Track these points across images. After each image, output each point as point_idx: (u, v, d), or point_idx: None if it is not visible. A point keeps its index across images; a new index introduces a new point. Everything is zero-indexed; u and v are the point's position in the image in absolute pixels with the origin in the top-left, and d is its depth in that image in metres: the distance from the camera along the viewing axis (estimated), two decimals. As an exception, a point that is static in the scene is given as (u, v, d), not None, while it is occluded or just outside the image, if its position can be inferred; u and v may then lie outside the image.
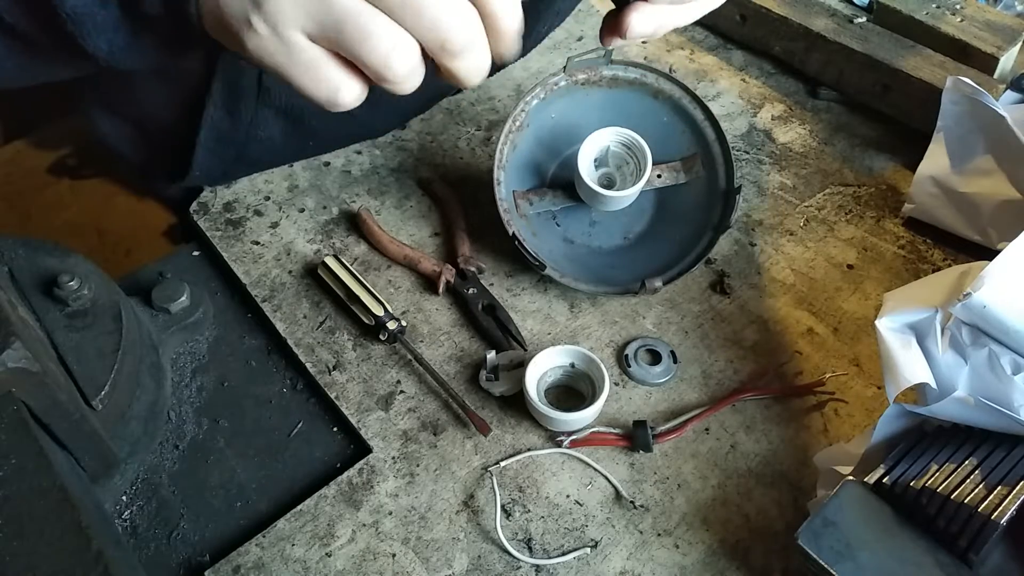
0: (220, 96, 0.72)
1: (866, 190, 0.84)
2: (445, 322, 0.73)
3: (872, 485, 0.54)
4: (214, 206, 0.81)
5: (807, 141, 0.89)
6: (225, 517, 0.62)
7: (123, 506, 0.62)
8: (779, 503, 0.62)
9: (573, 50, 0.99)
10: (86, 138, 0.94)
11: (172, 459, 0.65)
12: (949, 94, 0.73)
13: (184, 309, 0.70)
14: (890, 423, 0.55)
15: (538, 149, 0.78)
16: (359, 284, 0.72)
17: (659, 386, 0.68)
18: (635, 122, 0.73)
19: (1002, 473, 0.51)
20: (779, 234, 0.80)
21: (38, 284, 0.60)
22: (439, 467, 0.64)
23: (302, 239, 0.79)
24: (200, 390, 0.69)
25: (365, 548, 0.60)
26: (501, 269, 0.76)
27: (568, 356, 0.67)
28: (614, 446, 0.65)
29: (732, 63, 0.98)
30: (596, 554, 0.59)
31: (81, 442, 0.55)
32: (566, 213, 0.77)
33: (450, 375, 0.69)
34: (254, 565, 0.58)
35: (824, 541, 0.52)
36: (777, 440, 0.65)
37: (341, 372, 0.69)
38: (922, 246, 0.79)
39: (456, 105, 0.91)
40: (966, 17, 0.88)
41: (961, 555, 0.50)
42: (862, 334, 0.72)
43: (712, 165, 0.76)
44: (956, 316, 0.55)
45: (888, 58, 0.86)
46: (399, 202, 0.82)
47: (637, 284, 0.71)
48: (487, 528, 0.60)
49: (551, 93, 0.76)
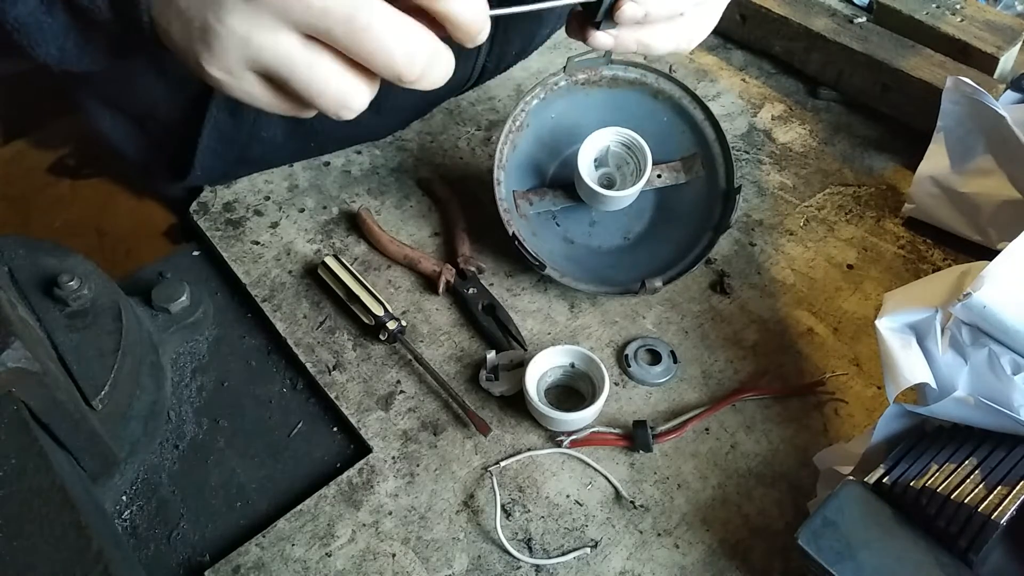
0: (223, 97, 0.72)
1: (866, 190, 0.84)
2: (445, 322, 0.73)
3: (872, 485, 0.54)
4: (214, 206, 0.81)
5: (807, 141, 0.89)
6: (225, 517, 0.62)
7: (123, 506, 0.62)
8: (779, 503, 0.62)
9: (573, 50, 0.99)
10: (86, 138, 0.94)
11: (172, 459, 0.65)
12: (949, 94, 0.73)
13: (184, 309, 0.70)
14: (890, 423, 0.55)
15: (538, 149, 0.78)
16: (359, 284, 0.72)
17: (659, 386, 0.68)
18: (635, 122, 0.73)
19: (1002, 473, 0.51)
20: (779, 234, 0.80)
21: (38, 284, 0.60)
22: (439, 467, 0.64)
23: (302, 239, 0.79)
24: (200, 390, 0.69)
25: (365, 548, 0.60)
26: (501, 269, 0.76)
27: (568, 356, 0.67)
28: (614, 446, 0.65)
29: (732, 63, 0.98)
30: (596, 554, 0.59)
31: (81, 442, 0.55)
32: (566, 213, 0.77)
33: (450, 375, 0.69)
34: (254, 565, 0.58)
35: (824, 541, 0.52)
36: (777, 440, 0.65)
37: (341, 372, 0.69)
38: (922, 246, 0.79)
39: (456, 105, 0.91)
40: (966, 17, 0.88)
41: (961, 555, 0.50)
42: (862, 334, 0.72)
43: (712, 165, 0.76)
44: (956, 316, 0.55)
45: (888, 58, 0.86)
46: (399, 202, 0.82)
47: (637, 284, 0.71)
48: (487, 528, 0.60)
49: (551, 93, 0.76)
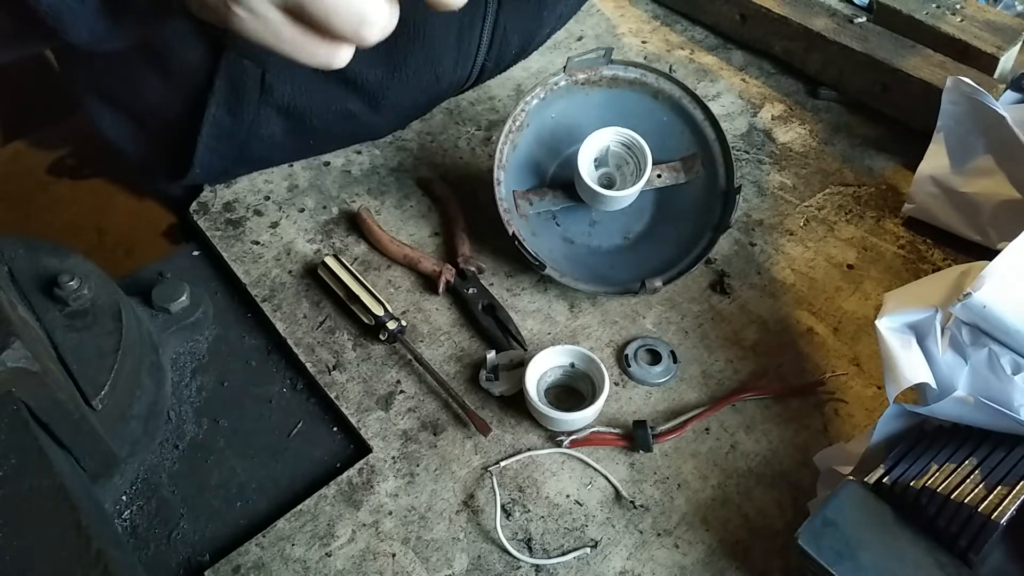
0: (222, 94, 0.72)
1: (866, 190, 0.84)
2: (445, 322, 0.73)
3: (872, 485, 0.54)
4: (214, 206, 0.81)
5: (807, 141, 0.89)
6: (225, 517, 0.62)
7: (123, 506, 0.62)
8: (779, 503, 0.62)
9: (573, 50, 0.99)
10: (86, 138, 0.94)
11: (172, 459, 0.65)
12: (949, 94, 0.73)
13: (184, 309, 0.70)
14: (890, 423, 0.55)
15: (538, 149, 0.78)
16: (359, 284, 0.72)
17: (659, 386, 0.68)
18: (635, 122, 0.73)
19: (1002, 473, 0.51)
20: (779, 234, 0.80)
21: (38, 284, 0.60)
22: (439, 467, 0.64)
23: (302, 239, 0.79)
24: (200, 390, 0.69)
25: (365, 548, 0.60)
26: (501, 269, 0.76)
27: (568, 356, 0.67)
28: (614, 446, 0.65)
29: (732, 63, 0.98)
30: (596, 554, 0.59)
31: (81, 442, 0.55)
32: (566, 213, 0.77)
33: (450, 375, 0.69)
34: (254, 565, 0.58)
35: (824, 541, 0.52)
36: (777, 440, 0.65)
37: (341, 372, 0.69)
38: (922, 246, 0.79)
39: (456, 105, 0.91)
40: (966, 17, 0.88)
41: (961, 555, 0.50)
42: (862, 334, 0.72)
43: (712, 165, 0.76)
44: (956, 316, 0.55)
45: (888, 58, 0.86)
46: (399, 202, 0.82)
47: (637, 284, 0.71)
48: (487, 528, 0.60)
49: (551, 93, 0.76)
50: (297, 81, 0.74)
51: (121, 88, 0.79)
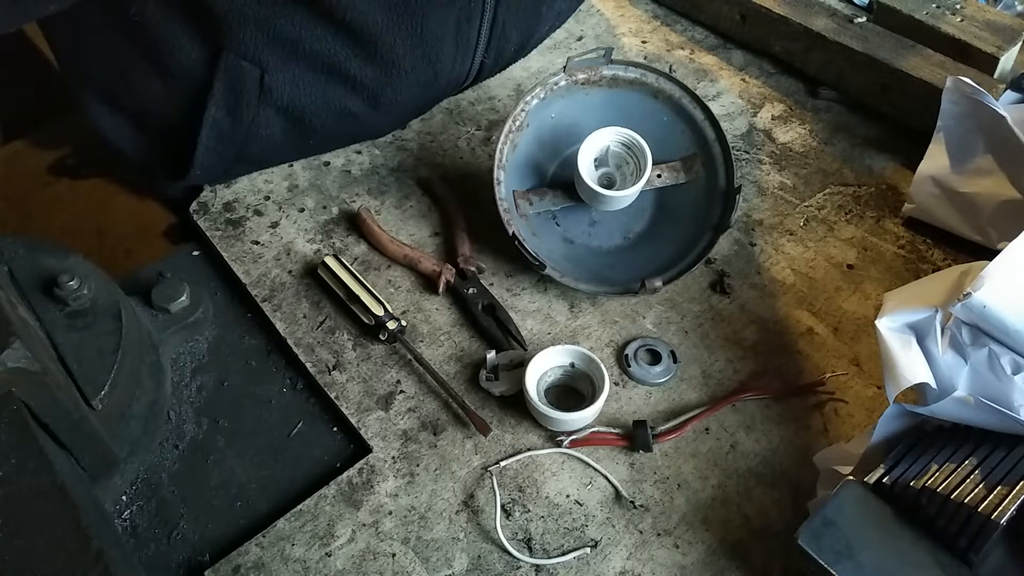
0: (222, 95, 0.72)
1: (866, 190, 0.84)
2: (445, 322, 0.73)
3: (872, 485, 0.54)
4: (214, 206, 0.81)
5: (807, 141, 0.89)
6: (225, 517, 0.62)
7: (123, 506, 0.62)
8: (779, 503, 0.62)
9: (573, 50, 0.99)
10: (86, 138, 0.94)
11: (172, 459, 0.65)
12: (949, 94, 0.73)
13: (184, 309, 0.70)
14: (890, 423, 0.55)
15: (538, 149, 0.78)
16: (359, 284, 0.72)
17: (659, 386, 0.68)
18: (635, 122, 0.73)
19: (1002, 473, 0.51)
20: (779, 234, 0.80)
21: (38, 284, 0.60)
22: (439, 467, 0.64)
23: (302, 239, 0.79)
24: (200, 390, 0.69)
25: (365, 548, 0.60)
26: (501, 269, 0.76)
27: (568, 356, 0.67)
28: (614, 446, 0.65)
29: (732, 63, 0.98)
30: (596, 554, 0.59)
31: (81, 442, 0.55)
32: (566, 213, 0.77)
33: (450, 375, 0.69)
34: (254, 565, 0.58)
35: (824, 541, 0.52)
36: (777, 440, 0.65)
37: (341, 372, 0.69)
38: (922, 246, 0.79)
39: (456, 105, 0.91)
40: (966, 17, 0.88)
41: (961, 555, 0.50)
42: (862, 334, 0.72)
43: (712, 165, 0.76)
44: (956, 316, 0.55)
45: (888, 58, 0.86)
46: (399, 202, 0.82)
47: (637, 284, 0.71)
48: (487, 528, 0.60)
49: (551, 93, 0.76)
50: (296, 81, 0.74)
51: (121, 89, 0.79)
